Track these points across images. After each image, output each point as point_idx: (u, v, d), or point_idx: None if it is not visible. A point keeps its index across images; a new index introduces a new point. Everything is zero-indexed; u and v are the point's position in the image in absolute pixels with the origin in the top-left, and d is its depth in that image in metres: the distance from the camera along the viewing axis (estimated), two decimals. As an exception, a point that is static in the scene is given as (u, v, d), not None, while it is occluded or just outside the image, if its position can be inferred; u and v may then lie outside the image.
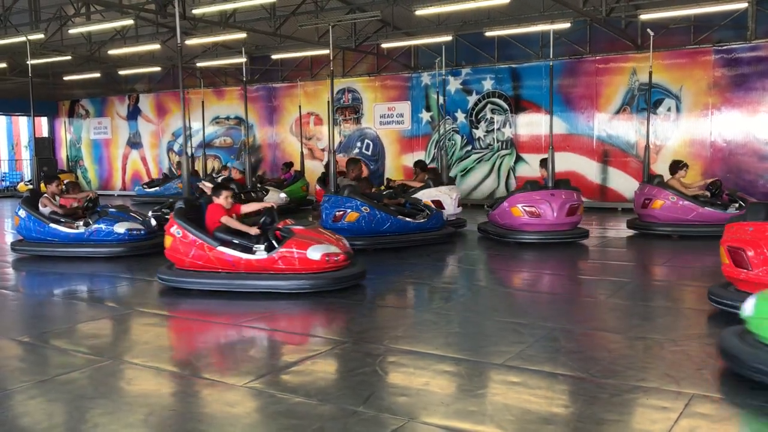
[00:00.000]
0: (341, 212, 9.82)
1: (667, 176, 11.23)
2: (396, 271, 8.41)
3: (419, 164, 13.16)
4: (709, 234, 9.90)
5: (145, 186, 20.75)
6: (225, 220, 7.29)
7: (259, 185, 15.60)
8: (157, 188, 20.23)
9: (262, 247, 7.00)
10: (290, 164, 17.67)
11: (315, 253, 6.87)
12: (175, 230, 7.40)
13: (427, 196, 11.47)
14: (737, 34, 14.08)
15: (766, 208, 5.71)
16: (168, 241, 7.51)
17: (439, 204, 11.28)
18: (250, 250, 7.03)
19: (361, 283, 7.39)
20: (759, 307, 4.20)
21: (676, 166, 11.09)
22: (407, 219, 10.12)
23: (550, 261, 9.15)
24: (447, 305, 6.71)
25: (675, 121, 14.78)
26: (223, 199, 7.48)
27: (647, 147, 12.04)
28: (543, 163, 10.64)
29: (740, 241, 5.55)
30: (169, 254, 7.57)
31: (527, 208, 10.08)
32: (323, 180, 15.88)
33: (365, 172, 12.10)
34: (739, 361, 4.15)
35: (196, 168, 18.35)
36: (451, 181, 13.17)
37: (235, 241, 7.12)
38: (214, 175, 17.25)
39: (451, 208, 11.54)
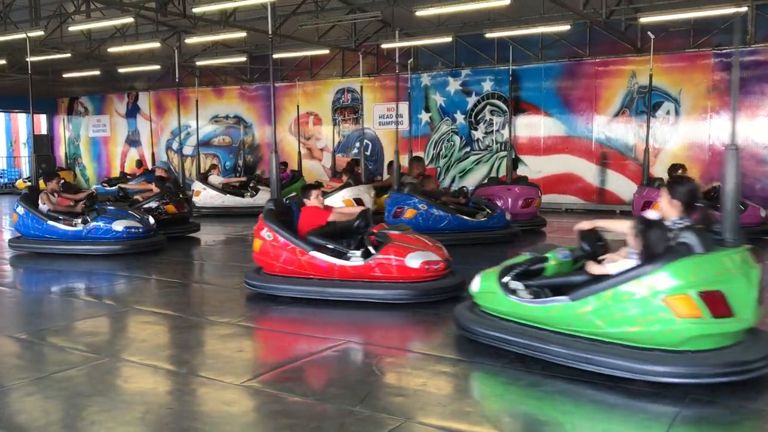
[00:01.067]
0: (400, 209, 10.15)
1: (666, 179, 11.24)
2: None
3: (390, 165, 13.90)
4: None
5: (105, 184, 19.98)
6: (335, 216, 7.03)
7: (251, 185, 15.65)
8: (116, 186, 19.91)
9: (358, 253, 6.58)
10: (285, 164, 17.68)
11: (414, 260, 6.42)
12: (266, 233, 6.95)
13: (348, 194, 12.86)
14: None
15: None
16: (257, 244, 7.07)
17: (360, 202, 12.50)
18: (344, 256, 6.62)
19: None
20: (483, 284, 5.14)
21: (673, 169, 11.11)
22: (466, 217, 10.32)
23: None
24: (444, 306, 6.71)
25: (674, 124, 14.80)
26: (315, 200, 7.17)
27: (647, 150, 12.06)
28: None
29: None
30: (258, 258, 7.13)
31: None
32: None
33: (422, 170, 12.47)
34: (469, 330, 5.08)
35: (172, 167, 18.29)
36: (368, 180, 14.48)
37: (330, 246, 6.68)
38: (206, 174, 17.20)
39: (370, 204, 12.81)
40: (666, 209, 4.52)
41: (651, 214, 4.50)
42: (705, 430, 3.63)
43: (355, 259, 6.55)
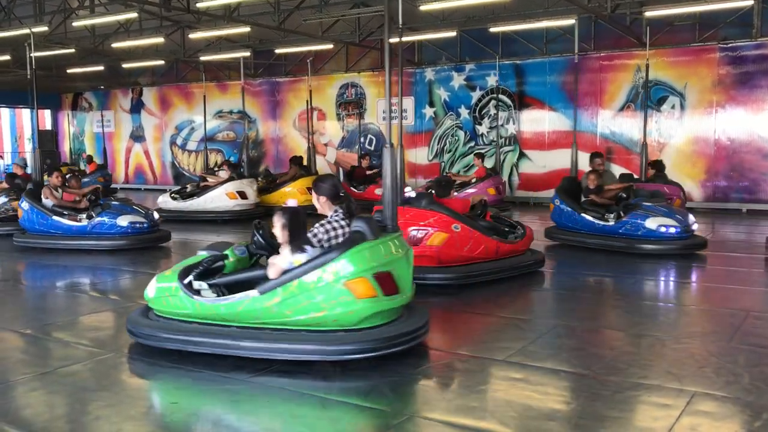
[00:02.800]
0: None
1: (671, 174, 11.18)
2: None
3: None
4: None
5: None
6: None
7: (261, 179, 15.56)
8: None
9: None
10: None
11: None
12: (455, 226, 7.05)
13: (231, 188, 13.33)
14: (743, 32, 14.02)
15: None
16: (441, 238, 6.95)
17: (243, 195, 13.10)
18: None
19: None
20: (159, 287, 4.98)
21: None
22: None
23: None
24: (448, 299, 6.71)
25: (679, 118, 14.74)
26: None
27: (644, 144, 11.82)
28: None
29: None
30: (438, 251, 6.92)
31: None
32: (350, 176, 15.89)
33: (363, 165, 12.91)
34: (151, 336, 4.87)
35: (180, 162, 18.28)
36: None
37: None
38: (216, 169, 17.23)
39: (253, 198, 13.48)
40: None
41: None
42: (712, 423, 3.62)
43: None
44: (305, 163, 17.38)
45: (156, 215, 10.30)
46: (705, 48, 14.34)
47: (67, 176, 11.17)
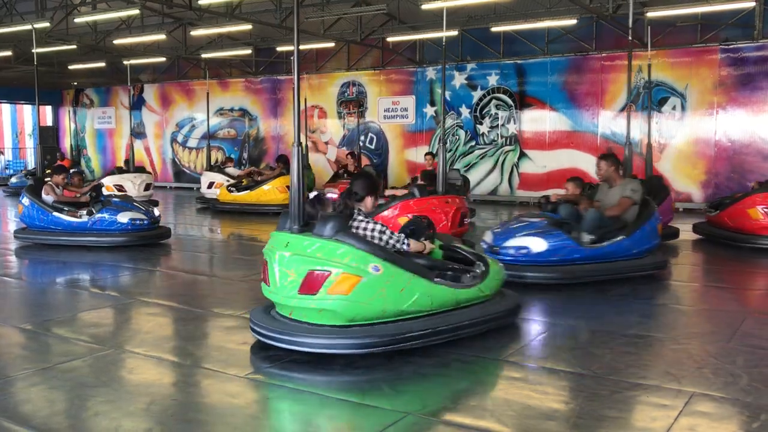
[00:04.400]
0: None
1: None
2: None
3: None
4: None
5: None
6: None
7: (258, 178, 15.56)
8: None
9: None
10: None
11: None
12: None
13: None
14: (744, 33, 14.02)
15: None
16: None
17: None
18: None
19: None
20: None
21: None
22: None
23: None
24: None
25: (680, 119, 14.74)
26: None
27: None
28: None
29: None
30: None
31: None
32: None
33: None
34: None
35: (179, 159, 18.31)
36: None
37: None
38: (221, 165, 17.25)
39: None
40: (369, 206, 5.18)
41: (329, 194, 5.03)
42: (710, 423, 3.62)
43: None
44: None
45: (156, 212, 10.30)
46: (706, 49, 14.35)
47: (70, 172, 11.18)
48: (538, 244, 6.91)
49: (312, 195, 5.63)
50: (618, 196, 7.33)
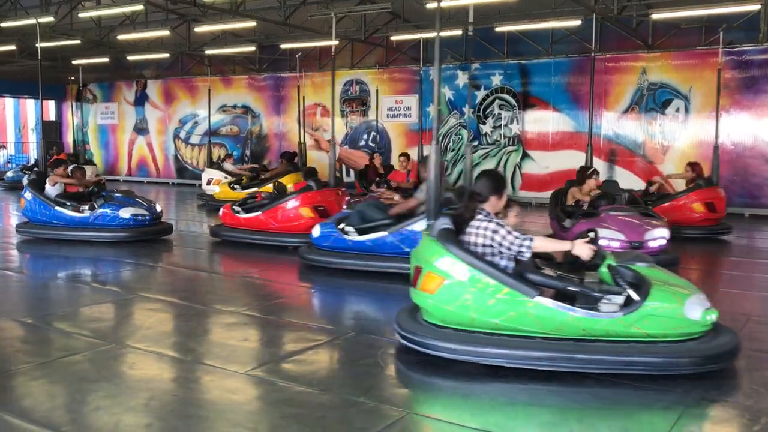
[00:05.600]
0: None
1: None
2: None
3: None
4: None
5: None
6: None
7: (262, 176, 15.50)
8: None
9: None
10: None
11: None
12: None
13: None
14: (748, 36, 14.00)
15: None
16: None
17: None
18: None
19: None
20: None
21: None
22: None
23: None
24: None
25: (683, 122, 14.72)
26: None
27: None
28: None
29: None
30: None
31: None
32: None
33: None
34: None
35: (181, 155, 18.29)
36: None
37: None
38: (220, 163, 17.25)
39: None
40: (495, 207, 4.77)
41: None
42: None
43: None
44: (297, 159, 17.37)
45: (158, 208, 10.30)
46: (710, 51, 14.31)
47: (71, 167, 11.20)
48: (316, 231, 8.00)
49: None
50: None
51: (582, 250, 4.44)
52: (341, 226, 7.82)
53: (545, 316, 4.24)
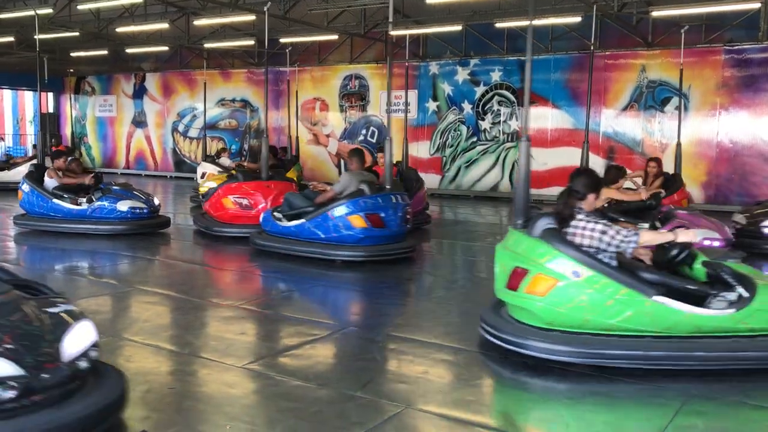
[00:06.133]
0: None
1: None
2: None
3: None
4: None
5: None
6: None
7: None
8: None
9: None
10: (285, 149, 17.69)
11: None
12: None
13: None
14: (748, 35, 13.99)
15: None
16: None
17: None
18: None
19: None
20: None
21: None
22: None
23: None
24: (448, 294, 6.72)
25: (682, 119, 14.67)
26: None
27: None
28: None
29: None
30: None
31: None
32: None
33: None
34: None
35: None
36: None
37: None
38: (215, 156, 17.17)
39: None
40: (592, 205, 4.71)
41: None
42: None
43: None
44: (295, 152, 17.31)
45: (156, 201, 10.29)
46: (710, 50, 14.31)
47: (68, 159, 11.16)
48: (261, 217, 8.76)
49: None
50: None
51: (688, 236, 4.44)
52: (275, 212, 8.43)
53: (661, 314, 4.21)
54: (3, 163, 17.49)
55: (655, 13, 13.16)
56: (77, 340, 3.18)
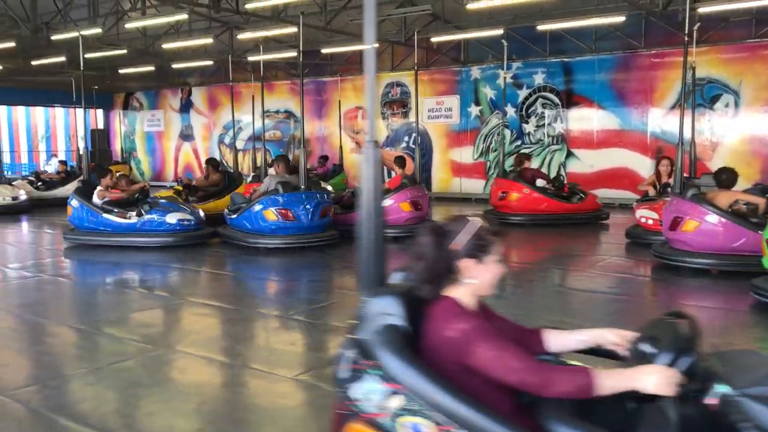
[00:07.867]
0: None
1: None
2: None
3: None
4: None
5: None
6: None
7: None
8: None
9: None
10: (326, 158, 17.82)
11: None
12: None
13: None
14: (801, 28, 13.56)
15: None
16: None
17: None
18: None
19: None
20: None
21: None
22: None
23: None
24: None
25: (733, 117, 14.32)
26: None
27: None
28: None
29: None
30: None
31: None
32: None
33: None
34: None
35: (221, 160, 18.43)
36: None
37: None
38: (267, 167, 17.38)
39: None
40: None
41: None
42: None
43: None
44: (337, 161, 17.36)
45: (202, 213, 10.42)
46: (761, 44, 13.91)
47: (117, 175, 11.41)
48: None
49: None
50: None
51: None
52: (227, 208, 10.36)
53: None
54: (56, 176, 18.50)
55: (702, 10, 12.83)
56: None
